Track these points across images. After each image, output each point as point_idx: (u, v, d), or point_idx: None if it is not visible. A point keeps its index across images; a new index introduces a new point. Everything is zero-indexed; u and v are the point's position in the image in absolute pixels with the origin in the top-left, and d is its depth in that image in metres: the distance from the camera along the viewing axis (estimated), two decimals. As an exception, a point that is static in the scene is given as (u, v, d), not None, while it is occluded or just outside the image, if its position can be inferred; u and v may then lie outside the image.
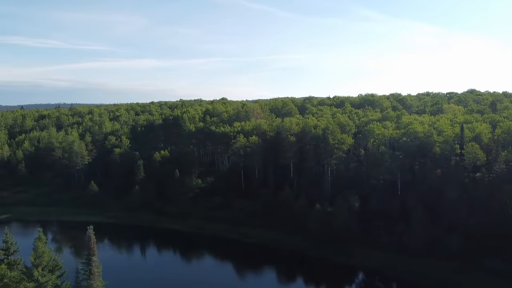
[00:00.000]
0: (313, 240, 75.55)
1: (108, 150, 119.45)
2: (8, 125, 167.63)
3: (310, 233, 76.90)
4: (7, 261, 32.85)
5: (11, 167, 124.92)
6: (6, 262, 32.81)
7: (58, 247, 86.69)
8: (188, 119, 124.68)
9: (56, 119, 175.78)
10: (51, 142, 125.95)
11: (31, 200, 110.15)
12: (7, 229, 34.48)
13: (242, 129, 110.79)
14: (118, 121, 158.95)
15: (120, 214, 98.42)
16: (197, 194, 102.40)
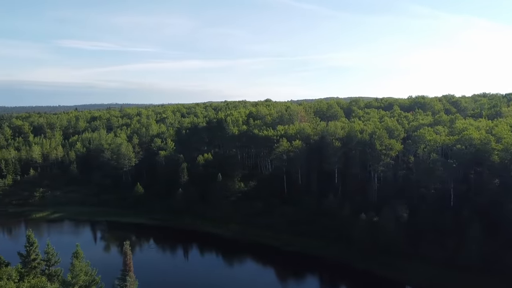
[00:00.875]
0: (358, 251, 72.25)
1: (153, 152, 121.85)
2: (63, 126, 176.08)
3: (354, 243, 73.65)
4: (48, 272, 33.21)
5: (64, 167, 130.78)
6: (47, 273, 33.17)
7: (106, 247, 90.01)
8: (232, 122, 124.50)
9: (106, 120, 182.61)
10: (101, 143, 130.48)
11: (81, 200, 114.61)
12: (48, 240, 34.71)
13: (285, 133, 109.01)
14: (164, 123, 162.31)
15: (164, 216, 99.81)
16: (239, 198, 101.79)
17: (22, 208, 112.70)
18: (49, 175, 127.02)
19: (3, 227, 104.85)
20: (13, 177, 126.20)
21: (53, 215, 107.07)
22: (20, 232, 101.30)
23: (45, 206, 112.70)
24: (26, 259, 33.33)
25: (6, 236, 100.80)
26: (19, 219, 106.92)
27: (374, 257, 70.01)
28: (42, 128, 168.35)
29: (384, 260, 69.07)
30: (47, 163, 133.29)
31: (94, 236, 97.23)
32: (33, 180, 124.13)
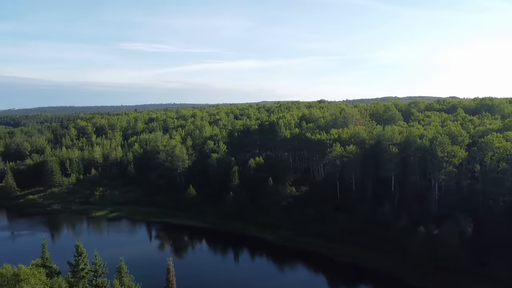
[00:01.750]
0: (415, 267, 67.60)
1: (206, 155, 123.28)
2: (122, 127, 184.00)
3: (411, 258, 69.04)
4: (95, 283, 33.67)
5: (123, 167, 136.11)
6: (94, 284, 33.64)
7: (160, 247, 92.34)
8: (284, 125, 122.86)
9: (163, 122, 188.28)
10: (156, 145, 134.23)
11: (137, 200, 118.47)
12: (96, 251, 35.09)
13: (339, 137, 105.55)
14: (218, 125, 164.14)
15: (215, 220, 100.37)
16: (290, 203, 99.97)
17: (84, 206, 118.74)
18: (108, 175, 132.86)
19: (68, 224, 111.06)
20: (77, 176, 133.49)
21: (111, 214, 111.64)
22: (82, 229, 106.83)
23: (104, 204, 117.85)
24: (75, 268, 34.09)
25: (70, 232, 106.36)
26: (81, 216, 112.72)
27: (433, 274, 65.16)
28: (104, 129, 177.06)
29: (444, 278, 64.09)
30: (107, 163, 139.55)
31: (149, 236, 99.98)
32: (94, 179, 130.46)
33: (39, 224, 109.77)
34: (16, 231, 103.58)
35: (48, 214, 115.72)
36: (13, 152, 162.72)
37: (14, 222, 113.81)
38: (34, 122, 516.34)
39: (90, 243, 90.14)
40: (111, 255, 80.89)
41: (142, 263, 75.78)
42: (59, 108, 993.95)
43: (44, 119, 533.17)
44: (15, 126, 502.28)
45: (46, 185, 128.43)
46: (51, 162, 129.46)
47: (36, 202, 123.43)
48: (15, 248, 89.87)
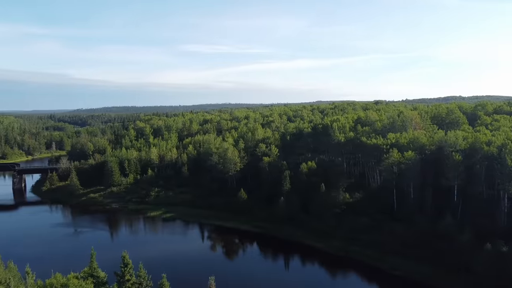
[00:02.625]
0: (479, 287, 62.26)
1: (258, 158, 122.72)
2: (178, 129, 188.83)
3: (475, 277, 63.53)
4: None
5: (177, 168, 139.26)
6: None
7: (211, 248, 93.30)
8: (338, 129, 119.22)
9: (217, 123, 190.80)
10: (209, 147, 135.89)
11: (191, 201, 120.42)
12: (141, 264, 35.14)
13: (396, 142, 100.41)
14: (270, 127, 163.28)
15: (265, 225, 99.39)
16: (343, 210, 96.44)
17: (140, 205, 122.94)
18: (163, 176, 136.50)
19: (125, 222, 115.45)
20: (134, 176, 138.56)
21: (165, 215, 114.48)
22: (139, 228, 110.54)
23: (159, 205, 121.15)
24: (121, 279, 34.45)
25: (127, 230, 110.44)
26: (137, 216, 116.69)
27: (502, 298, 59.50)
28: (161, 130, 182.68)
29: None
30: (163, 164, 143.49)
31: (202, 238, 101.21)
32: (150, 180, 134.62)
33: (99, 222, 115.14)
34: (79, 228, 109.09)
35: (107, 212, 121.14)
36: (78, 152, 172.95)
37: (77, 219, 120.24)
38: (99, 121, 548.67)
39: (146, 242, 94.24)
40: (165, 255, 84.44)
41: (192, 266, 77.01)
42: (122, 108, 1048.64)
43: (108, 119, 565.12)
44: (82, 125, 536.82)
45: (106, 184, 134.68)
46: (111, 162, 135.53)
47: (96, 200, 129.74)
48: (77, 244, 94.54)
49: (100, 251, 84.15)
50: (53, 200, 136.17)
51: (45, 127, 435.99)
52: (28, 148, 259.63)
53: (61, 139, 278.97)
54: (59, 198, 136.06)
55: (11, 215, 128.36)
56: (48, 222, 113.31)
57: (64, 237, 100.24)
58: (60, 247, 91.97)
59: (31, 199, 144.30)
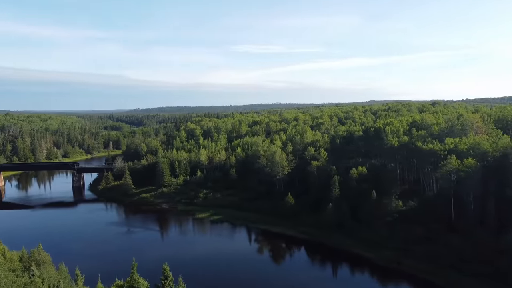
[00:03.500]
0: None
1: (306, 162, 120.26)
2: (227, 130, 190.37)
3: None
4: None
5: (225, 170, 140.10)
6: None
7: (258, 252, 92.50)
8: (391, 132, 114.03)
9: (265, 125, 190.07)
10: (257, 150, 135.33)
11: (238, 204, 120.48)
12: (181, 277, 34.55)
13: (455, 147, 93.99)
14: (320, 130, 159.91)
15: (312, 231, 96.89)
16: (395, 219, 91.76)
17: (188, 206, 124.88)
18: (212, 178, 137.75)
19: (175, 223, 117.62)
20: (184, 177, 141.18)
21: (213, 217, 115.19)
22: (188, 229, 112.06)
23: (207, 206, 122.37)
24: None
25: (176, 231, 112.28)
26: (186, 217, 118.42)
27: None
28: (210, 132, 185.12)
29: None
30: (212, 166, 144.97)
31: (249, 241, 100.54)
32: (199, 181, 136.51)
33: (150, 222, 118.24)
34: (132, 227, 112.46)
35: (158, 212, 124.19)
36: (132, 152, 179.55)
37: (129, 218, 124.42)
38: (154, 121, 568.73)
39: (195, 243, 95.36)
40: (212, 257, 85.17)
41: (238, 270, 76.86)
42: (175, 108, 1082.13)
43: (162, 119, 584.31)
44: (138, 125, 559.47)
45: (157, 185, 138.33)
46: (162, 163, 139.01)
47: (148, 200, 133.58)
48: (129, 244, 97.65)
49: (151, 251, 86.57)
50: (108, 198, 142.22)
51: (104, 126, 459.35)
52: (88, 147, 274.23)
53: (118, 138, 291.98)
54: (113, 196, 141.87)
55: (71, 212, 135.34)
56: (103, 220, 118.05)
57: (117, 236, 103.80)
58: (112, 246, 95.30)
59: (88, 197, 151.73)
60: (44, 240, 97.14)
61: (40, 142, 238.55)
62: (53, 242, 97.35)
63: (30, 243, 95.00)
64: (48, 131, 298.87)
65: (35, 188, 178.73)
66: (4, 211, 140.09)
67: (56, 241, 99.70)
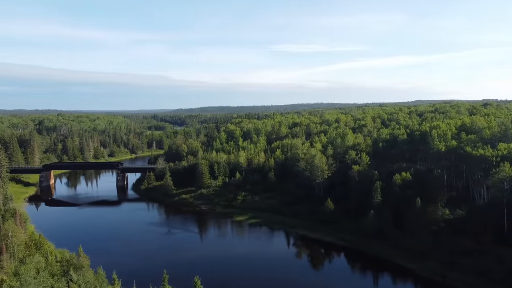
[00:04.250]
0: None
1: (347, 166, 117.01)
2: (267, 132, 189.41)
3: None
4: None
5: (264, 173, 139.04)
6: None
7: (297, 258, 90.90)
8: (438, 136, 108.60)
9: (306, 127, 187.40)
10: (297, 152, 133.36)
11: (276, 208, 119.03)
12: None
13: (509, 153, 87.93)
14: (362, 132, 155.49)
15: (352, 238, 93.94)
16: (441, 228, 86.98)
17: (227, 209, 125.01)
18: (250, 180, 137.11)
19: (214, 225, 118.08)
20: (223, 179, 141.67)
21: (251, 220, 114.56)
22: (227, 231, 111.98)
23: (245, 209, 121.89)
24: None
25: (215, 233, 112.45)
26: (225, 219, 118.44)
27: None
28: (250, 133, 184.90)
29: None
30: (250, 168, 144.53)
31: (287, 246, 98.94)
32: (237, 183, 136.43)
33: (190, 223, 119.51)
34: (171, 228, 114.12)
35: (197, 214, 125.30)
36: (173, 153, 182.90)
37: (170, 219, 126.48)
38: (196, 121, 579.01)
39: (233, 247, 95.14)
40: (250, 262, 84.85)
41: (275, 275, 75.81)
42: (217, 108, 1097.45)
43: (204, 119, 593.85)
44: (180, 125, 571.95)
45: (196, 186, 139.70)
46: (202, 165, 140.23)
47: (188, 201, 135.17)
48: (168, 244, 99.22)
49: (189, 254, 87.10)
50: (150, 198, 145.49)
51: (148, 126, 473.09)
52: (132, 147, 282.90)
53: (161, 138, 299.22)
54: (155, 196, 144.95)
55: (114, 211, 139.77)
56: (144, 220, 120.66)
57: (157, 236, 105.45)
58: (152, 246, 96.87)
59: (131, 196, 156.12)
60: (86, 238, 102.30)
61: (88, 141, 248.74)
62: (95, 240, 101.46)
63: (74, 240, 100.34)
64: (95, 131, 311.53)
65: (82, 186, 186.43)
66: (54, 207, 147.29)
67: (98, 238, 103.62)
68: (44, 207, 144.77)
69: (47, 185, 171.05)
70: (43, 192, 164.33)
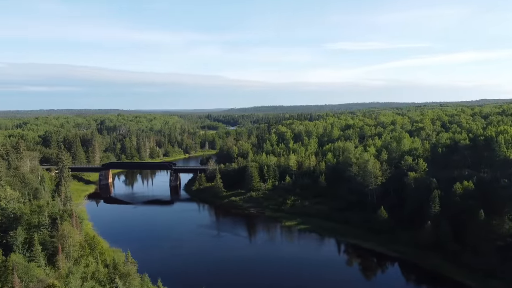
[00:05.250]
0: None
1: (402, 172, 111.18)
2: (319, 134, 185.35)
3: None
4: None
5: (315, 177, 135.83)
6: None
7: (347, 268, 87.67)
8: (505, 142, 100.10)
9: (359, 129, 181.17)
10: (349, 156, 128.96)
11: (327, 214, 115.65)
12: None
13: None
14: (419, 136, 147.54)
15: (407, 250, 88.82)
16: (508, 244, 79.79)
17: (276, 213, 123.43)
18: (300, 184, 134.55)
19: (263, 229, 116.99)
20: (272, 182, 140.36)
21: (300, 226, 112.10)
22: (276, 236, 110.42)
23: (294, 214, 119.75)
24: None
25: (264, 237, 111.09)
26: (274, 224, 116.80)
27: None
28: (301, 135, 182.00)
29: None
30: (301, 171, 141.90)
31: (338, 254, 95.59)
32: (287, 187, 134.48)
33: (239, 226, 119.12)
34: (221, 231, 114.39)
35: (246, 217, 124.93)
36: (225, 154, 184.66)
37: (219, 221, 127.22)
38: (248, 121, 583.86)
39: (283, 252, 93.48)
40: (302, 267, 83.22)
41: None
42: (270, 107, 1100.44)
43: (256, 118, 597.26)
44: (233, 124, 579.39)
45: (246, 189, 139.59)
46: (252, 167, 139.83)
47: (237, 204, 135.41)
48: (216, 247, 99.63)
49: (237, 259, 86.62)
50: (201, 199, 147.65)
51: (202, 126, 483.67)
52: (186, 147, 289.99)
53: (213, 139, 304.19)
54: (205, 198, 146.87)
55: (166, 211, 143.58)
56: (194, 221, 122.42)
57: (208, 239, 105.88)
58: (200, 248, 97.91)
59: (183, 197, 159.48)
60: (139, 237, 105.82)
61: (145, 141, 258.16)
62: (147, 238, 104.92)
63: (128, 238, 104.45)
64: (152, 130, 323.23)
65: (138, 185, 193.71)
66: (111, 205, 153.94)
67: (150, 236, 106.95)
68: (102, 205, 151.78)
69: (106, 184, 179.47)
70: (102, 190, 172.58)
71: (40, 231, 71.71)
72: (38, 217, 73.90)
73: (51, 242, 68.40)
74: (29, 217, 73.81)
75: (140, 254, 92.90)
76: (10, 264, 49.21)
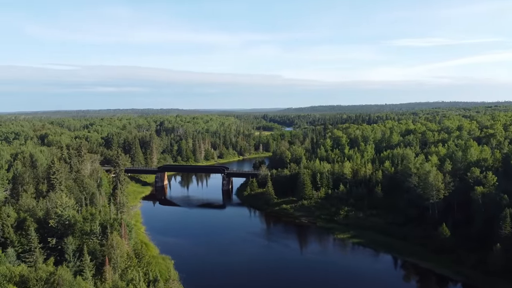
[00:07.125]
0: None
1: (468, 185, 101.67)
2: (376, 139, 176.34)
3: None
4: None
5: (371, 186, 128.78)
6: None
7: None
8: None
9: (421, 135, 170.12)
10: (408, 166, 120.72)
11: (382, 228, 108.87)
12: None
13: None
14: (489, 144, 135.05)
15: (472, 273, 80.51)
16: None
17: (328, 224, 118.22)
18: (355, 194, 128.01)
19: (314, 241, 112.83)
20: (325, 190, 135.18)
21: (353, 239, 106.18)
22: (328, 249, 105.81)
23: (348, 226, 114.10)
24: None
25: (316, 250, 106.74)
26: (326, 235, 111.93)
27: None
28: (357, 141, 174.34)
29: None
30: (356, 180, 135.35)
31: (393, 274, 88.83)
32: (341, 196, 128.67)
33: (290, 237, 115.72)
34: (271, 241, 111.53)
35: (297, 227, 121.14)
36: (277, 158, 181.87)
37: (270, 229, 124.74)
38: (304, 122, 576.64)
39: (337, 268, 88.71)
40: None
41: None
42: (327, 107, 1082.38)
43: (313, 119, 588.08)
44: (289, 125, 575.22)
45: (298, 196, 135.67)
46: (304, 175, 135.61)
47: (288, 212, 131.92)
48: (264, 259, 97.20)
49: (287, 274, 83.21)
50: (252, 205, 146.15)
51: (257, 126, 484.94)
52: (240, 149, 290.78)
53: (267, 141, 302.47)
54: (256, 204, 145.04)
55: (217, 215, 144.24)
56: (245, 228, 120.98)
57: (256, 250, 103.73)
58: (249, 260, 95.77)
59: (235, 201, 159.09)
60: (188, 242, 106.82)
61: (200, 143, 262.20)
62: (196, 245, 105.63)
63: (179, 241, 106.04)
64: (208, 132, 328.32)
65: (192, 187, 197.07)
66: (165, 207, 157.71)
67: (198, 243, 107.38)
68: (157, 207, 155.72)
69: (161, 186, 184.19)
70: (157, 192, 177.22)
71: (91, 239, 73.51)
72: (90, 224, 75.87)
73: (101, 251, 69.71)
74: (81, 224, 75.98)
75: (188, 260, 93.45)
76: (56, 278, 50.08)
